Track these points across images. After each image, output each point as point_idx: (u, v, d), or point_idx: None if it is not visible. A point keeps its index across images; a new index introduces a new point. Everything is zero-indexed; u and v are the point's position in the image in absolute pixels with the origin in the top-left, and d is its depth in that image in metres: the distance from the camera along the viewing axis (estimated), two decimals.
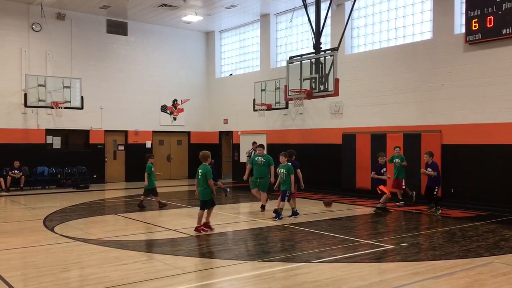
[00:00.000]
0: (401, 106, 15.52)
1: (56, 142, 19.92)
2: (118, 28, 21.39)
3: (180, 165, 23.40)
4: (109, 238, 9.19)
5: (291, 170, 11.32)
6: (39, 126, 19.35)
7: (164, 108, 22.73)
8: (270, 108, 19.10)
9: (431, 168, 12.18)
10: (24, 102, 18.01)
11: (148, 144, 22.16)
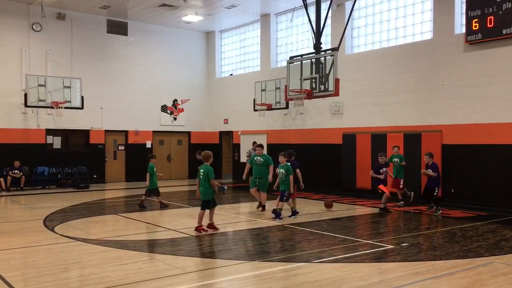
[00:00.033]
0: (401, 106, 15.52)
1: (56, 142, 19.93)
2: (118, 28, 21.40)
3: (180, 165, 23.41)
4: (109, 238, 9.19)
5: (290, 171, 11.31)
6: (39, 126, 19.36)
7: (164, 108, 22.73)
8: (270, 108, 19.10)
9: (432, 169, 12.17)
10: (24, 102, 18.02)
11: (148, 144, 22.16)
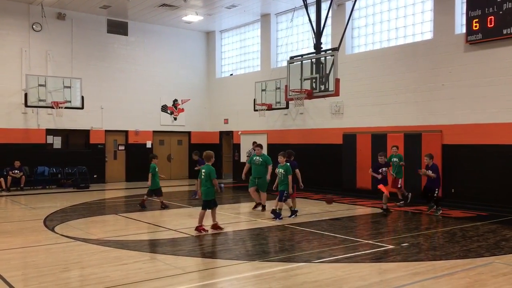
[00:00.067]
0: (401, 106, 15.51)
1: (56, 142, 19.92)
2: (118, 28, 21.40)
3: (180, 165, 23.40)
4: (109, 238, 9.19)
5: (289, 170, 11.31)
6: (40, 126, 19.36)
7: (164, 108, 22.73)
8: (270, 108, 19.09)
9: (432, 170, 12.16)
10: (24, 102, 18.00)
11: (148, 144, 22.16)
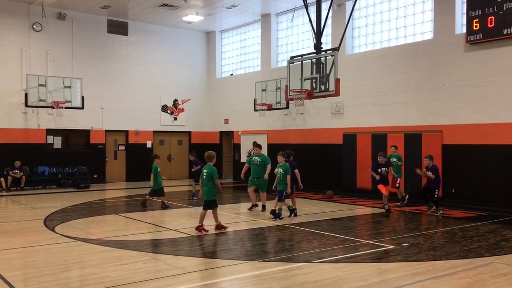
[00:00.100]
0: (402, 106, 15.51)
1: (56, 142, 19.93)
2: (118, 28, 21.40)
3: (180, 165, 23.39)
4: (109, 238, 9.20)
5: (288, 170, 11.30)
6: (40, 126, 19.36)
7: (164, 108, 22.73)
8: (270, 108, 19.09)
9: (432, 171, 12.14)
10: (24, 102, 18.01)
11: (148, 144, 22.17)
